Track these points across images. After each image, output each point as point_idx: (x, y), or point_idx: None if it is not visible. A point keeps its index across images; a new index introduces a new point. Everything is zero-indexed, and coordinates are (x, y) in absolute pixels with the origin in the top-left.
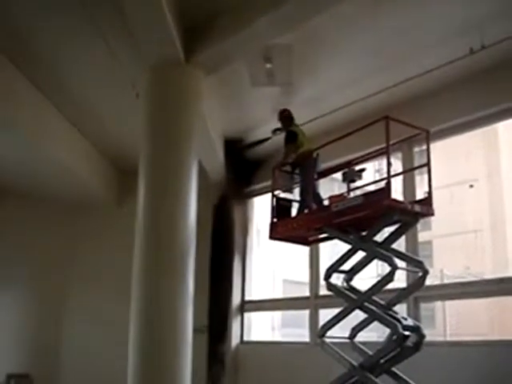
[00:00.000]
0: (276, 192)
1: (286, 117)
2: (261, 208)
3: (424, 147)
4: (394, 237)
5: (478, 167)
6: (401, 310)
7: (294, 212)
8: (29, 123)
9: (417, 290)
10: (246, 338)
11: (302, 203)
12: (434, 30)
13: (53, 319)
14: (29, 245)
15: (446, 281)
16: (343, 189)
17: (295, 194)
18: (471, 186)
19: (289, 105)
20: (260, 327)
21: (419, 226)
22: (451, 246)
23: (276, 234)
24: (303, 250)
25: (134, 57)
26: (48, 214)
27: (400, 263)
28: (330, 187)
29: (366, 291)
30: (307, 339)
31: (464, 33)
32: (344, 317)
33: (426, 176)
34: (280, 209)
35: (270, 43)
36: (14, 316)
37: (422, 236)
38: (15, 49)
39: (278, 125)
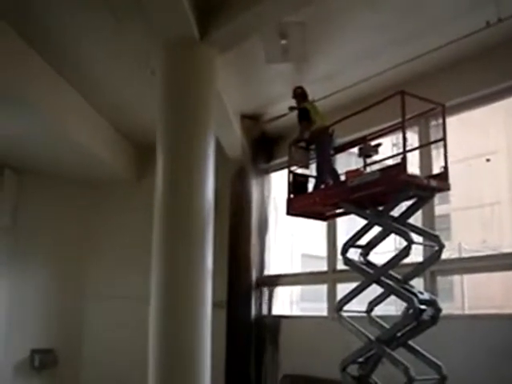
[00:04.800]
0: (293, 168)
1: (299, 94)
2: (279, 183)
3: (440, 121)
4: (410, 211)
5: (495, 140)
6: (418, 284)
7: (310, 187)
8: (45, 102)
9: (433, 263)
10: (265, 313)
11: (319, 179)
12: (449, 4)
13: (76, 295)
14: (51, 222)
15: (463, 254)
16: (360, 163)
17: (312, 170)
18: (488, 160)
19: (304, 81)
20: (279, 302)
21: (437, 199)
22: (469, 220)
23: (293, 209)
24: (321, 224)
25: (148, 34)
26: (68, 193)
27: (416, 238)
28: (347, 162)
29: (383, 266)
30: (325, 313)
31: (480, 6)
32: (361, 291)
33: (442, 150)
34: (297, 185)
35: (283, 21)
36: (38, 292)
37: (441, 209)
38: (30, 28)
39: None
